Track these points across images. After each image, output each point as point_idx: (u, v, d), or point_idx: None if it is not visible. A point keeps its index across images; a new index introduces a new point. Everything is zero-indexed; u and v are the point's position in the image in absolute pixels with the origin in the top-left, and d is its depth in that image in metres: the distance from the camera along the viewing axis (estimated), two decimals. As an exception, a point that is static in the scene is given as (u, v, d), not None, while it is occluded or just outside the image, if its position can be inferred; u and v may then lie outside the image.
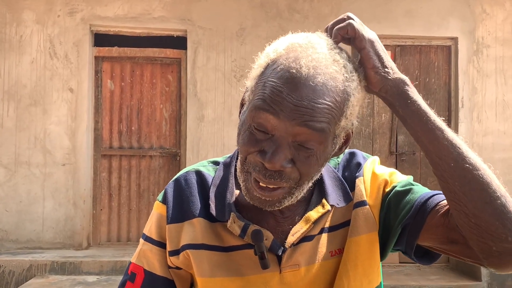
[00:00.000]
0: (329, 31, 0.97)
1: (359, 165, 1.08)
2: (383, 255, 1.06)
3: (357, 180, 1.06)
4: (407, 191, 1.01)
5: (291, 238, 0.99)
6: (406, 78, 0.95)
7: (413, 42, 5.92)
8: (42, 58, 5.69)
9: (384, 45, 0.97)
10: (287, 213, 1.03)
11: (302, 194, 0.97)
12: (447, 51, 6.02)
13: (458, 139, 0.91)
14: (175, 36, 5.89)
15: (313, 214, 1.02)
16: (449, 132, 0.91)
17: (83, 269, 5.06)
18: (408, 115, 0.92)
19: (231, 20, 5.82)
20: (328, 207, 1.02)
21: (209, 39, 5.80)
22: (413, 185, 1.03)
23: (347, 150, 1.13)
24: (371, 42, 0.95)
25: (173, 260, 1.03)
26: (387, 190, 1.04)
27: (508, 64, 5.99)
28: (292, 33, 0.98)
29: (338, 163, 1.11)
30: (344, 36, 0.95)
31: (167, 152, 5.94)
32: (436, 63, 6.02)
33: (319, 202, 1.03)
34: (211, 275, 1.00)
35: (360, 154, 1.11)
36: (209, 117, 5.79)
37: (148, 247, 1.06)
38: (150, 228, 1.07)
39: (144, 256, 1.06)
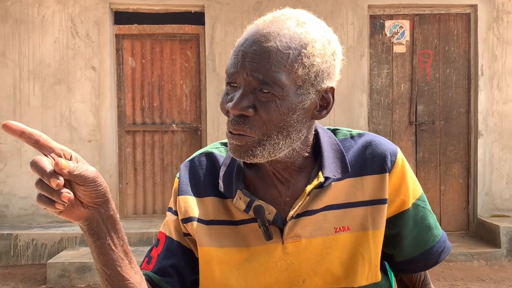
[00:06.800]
0: None
1: (383, 155, 1.11)
2: None
3: (386, 175, 1.10)
4: (428, 228, 1.16)
5: (292, 212, 1.08)
6: None
7: (431, 10, 5.84)
8: (64, 38, 5.82)
9: (402, 14, 1.08)
10: (289, 185, 1.10)
11: (280, 149, 1.01)
12: (467, 19, 5.94)
13: None
14: (193, 12, 5.95)
15: (309, 187, 1.08)
16: None
17: (111, 241, 5.24)
18: None
19: (248, -6, 5.85)
20: (321, 178, 1.07)
21: (227, 14, 5.84)
22: (432, 215, 1.17)
23: (368, 137, 1.16)
24: None
25: (187, 227, 1.14)
26: (407, 201, 1.13)
27: (530, 30, 5.90)
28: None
29: (352, 136, 1.16)
30: None
31: (189, 127, 6.06)
32: (456, 31, 5.95)
33: (316, 175, 1.09)
34: (220, 245, 1.10)
35: (386, 143, 1.14)
36: (228, 92, 5.87)
37: (170, 216, 1.18)
38: (171, 200, 1.20)
39: (167, 224, 1.19)
